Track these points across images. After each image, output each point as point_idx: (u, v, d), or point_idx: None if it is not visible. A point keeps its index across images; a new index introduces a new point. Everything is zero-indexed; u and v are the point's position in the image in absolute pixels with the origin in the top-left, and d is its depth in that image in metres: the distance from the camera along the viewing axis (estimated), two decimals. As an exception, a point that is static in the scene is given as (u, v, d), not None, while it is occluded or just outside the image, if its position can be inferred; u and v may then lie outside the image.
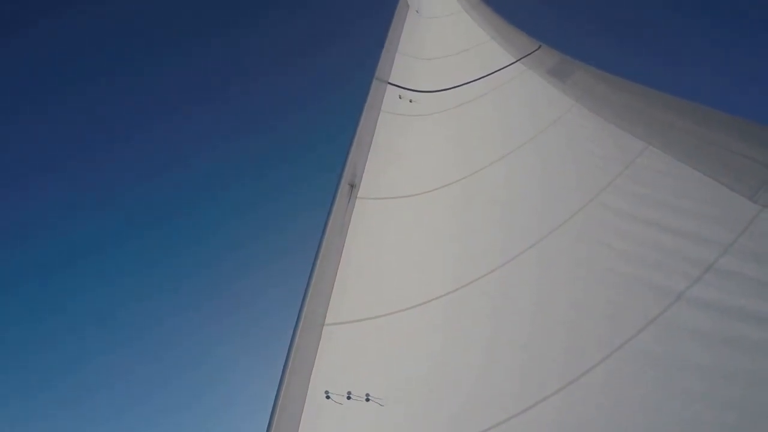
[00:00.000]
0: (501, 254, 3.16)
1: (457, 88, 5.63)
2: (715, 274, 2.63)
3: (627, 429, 2.37)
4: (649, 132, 3.61)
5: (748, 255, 2.64)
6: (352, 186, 3.73)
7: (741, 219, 2.83)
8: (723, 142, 3.35)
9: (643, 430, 2.38)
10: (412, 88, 5.38)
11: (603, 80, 4.65)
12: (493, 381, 2.67)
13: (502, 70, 5.85)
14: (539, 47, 5.99)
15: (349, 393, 2.65)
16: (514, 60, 5.92)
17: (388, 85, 5.21)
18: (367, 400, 2.64)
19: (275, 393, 2.66)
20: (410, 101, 5.17)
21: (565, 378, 2.53)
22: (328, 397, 2.66)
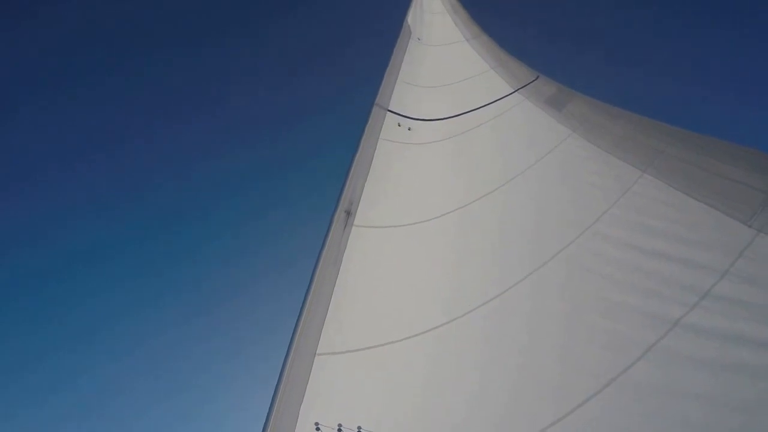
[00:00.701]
0: (496, 285, 3.14)
1: (455, 117, 5.70)
2: (712, 300, 2.59)
3: None
4: (643, 160, 3.63)
5: (745, 280, 2.61)
6: (349, 213, 3.75)
7: (737, 244, 2.81)
8: (717, 168, 3.36)
9: None
10: (411, 116, 5.44)
11: (598, 109, 4.70)
12: (486, 413, 2.61)
13: (500, 100, 5.93)
14: (537, 77, 6.08)
15: (340, 426, 2.60)
16: (513, 90, 6.00)
17: (388, 113, 5.27)
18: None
19: (264, 422, 2.61)
20: (409, 129, 5.22)
21: (562, 410, 2.47)
22: (318, 429, 2.61)
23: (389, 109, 5.37)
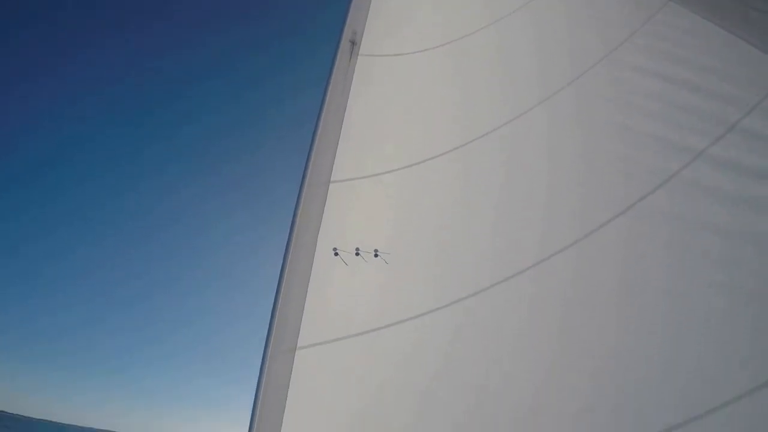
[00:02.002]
0: (511, 110, 2.97)
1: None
2: (737, 134, 2.54)
3: (641, 285, 2.42)
4: None
5: None
6: (353, 43, 3.43)
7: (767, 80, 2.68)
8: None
9: (656, 288, 2.43)
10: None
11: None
12: (506, 233, 2.67)
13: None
14: None
15: (357, 249, 2.66)
16: None
17: None
18: (376, 255, 2.66)
19: (285, 247, 2.65)
20: None
21: (581, 231, 2.53)
22: (336, 254, 2.67)
23: None
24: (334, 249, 2.67)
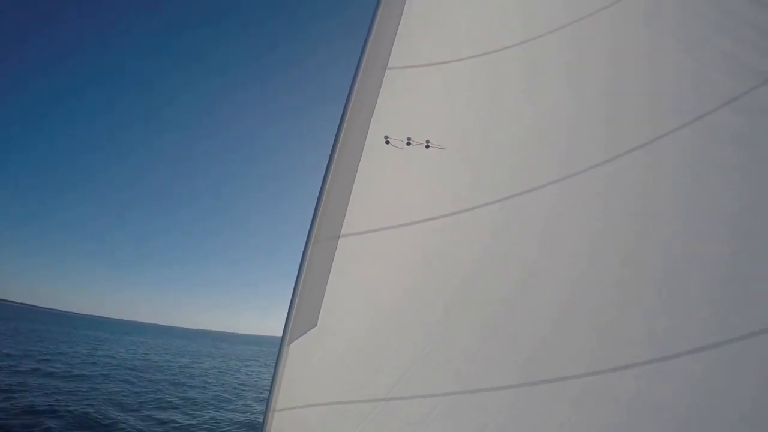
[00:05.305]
0: (577, 11, 2.78)
1: None
2: None
3: (698, 202, 2.31)
4: None
5: None
6: None
7: None
8: None
9: (717, 204, 2.31)
10: None
11: None
12: (570, 132, 2.55)
13: None
14: None
15: (408, 139, 2.58)
16: None
17: None
18: (427, 146, 2.58)
19: (334, 137, 2.60)
20: None
21: (647, 136, 2.41)
22: (387, 142, 2.60)
23: None
24: (386, 137, 2.60)
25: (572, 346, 2.37)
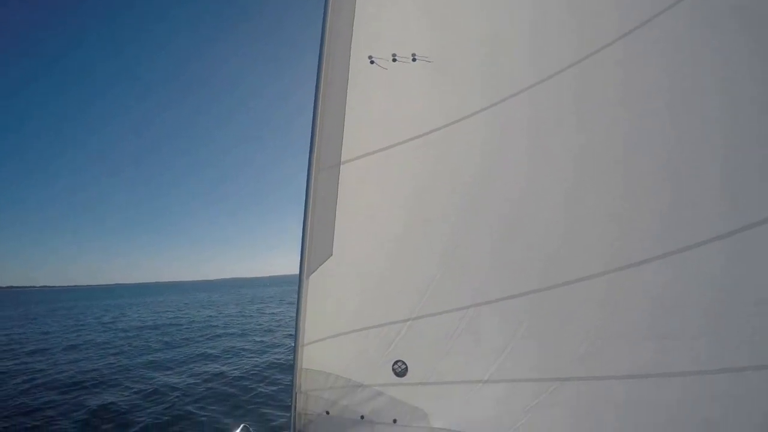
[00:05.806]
0: None
1: None
2: None
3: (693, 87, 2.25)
4: None
5: None
6: None
7: None
8: None
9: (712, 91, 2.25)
10: None
11: None
12: (548, 30, 2.48)
13: None
14: None
15: (394, 55, 2.53)
16: None
17: None
18: (414, 59, 2.53)
19: (318, 62, 2.55)
20: None
21: (629, 26, 2.33)
22: (372, 62, 2.56)
23: None
24: (370, 57, 2.55)
25: (589, 245, 2.45)
